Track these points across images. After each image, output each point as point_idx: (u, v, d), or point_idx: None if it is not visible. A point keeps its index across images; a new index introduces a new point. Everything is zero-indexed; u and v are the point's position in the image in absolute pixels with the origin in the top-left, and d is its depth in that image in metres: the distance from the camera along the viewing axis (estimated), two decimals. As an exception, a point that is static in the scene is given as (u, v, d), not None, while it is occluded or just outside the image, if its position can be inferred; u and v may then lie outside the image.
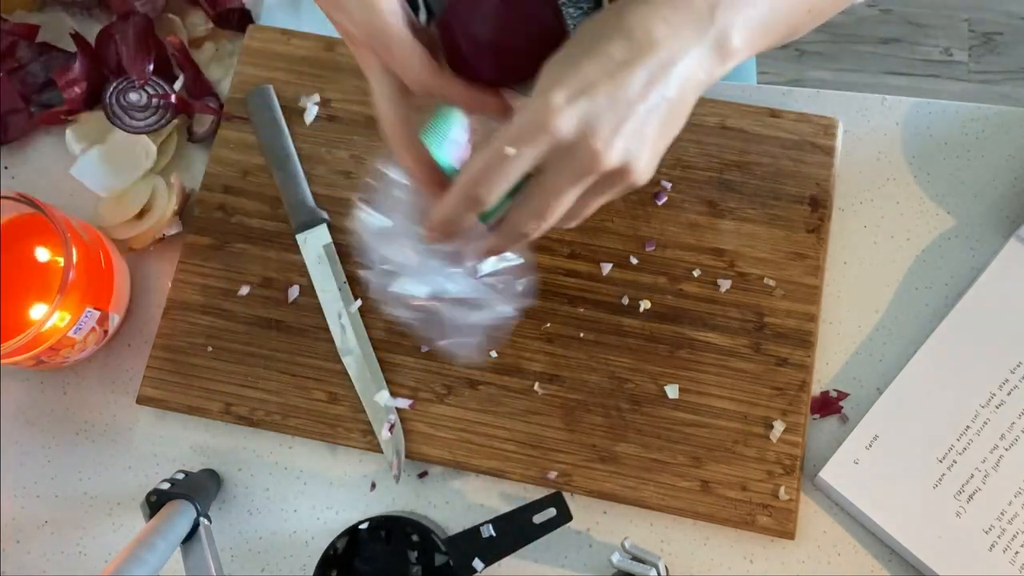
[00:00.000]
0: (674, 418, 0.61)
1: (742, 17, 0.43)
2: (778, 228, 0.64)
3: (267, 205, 0.67)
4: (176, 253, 0.67)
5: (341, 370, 0.63)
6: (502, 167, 0.42)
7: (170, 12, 0.72)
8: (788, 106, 0.67)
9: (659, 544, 0.60)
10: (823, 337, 0.63)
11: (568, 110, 0.40)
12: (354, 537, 0.58)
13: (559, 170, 0.42)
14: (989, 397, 0.59)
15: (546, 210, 0.43)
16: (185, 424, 0.64)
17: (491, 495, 0.62)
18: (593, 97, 0.41)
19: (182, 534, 0.55)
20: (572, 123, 0.41)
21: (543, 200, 0.43)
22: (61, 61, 0.71)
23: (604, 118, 0.41)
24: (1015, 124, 0.67)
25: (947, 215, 0.65)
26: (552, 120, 0.40)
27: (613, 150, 0.41)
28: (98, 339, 0.63)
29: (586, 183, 0.43)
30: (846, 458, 0.59)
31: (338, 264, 0.65)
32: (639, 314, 0.63)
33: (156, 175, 0.69)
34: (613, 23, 0.42)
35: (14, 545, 0.63)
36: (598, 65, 0.41)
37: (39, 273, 0.62)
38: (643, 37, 0.41)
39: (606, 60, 0.41)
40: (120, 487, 0.64)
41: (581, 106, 0.41)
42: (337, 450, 0.63)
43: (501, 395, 0.62)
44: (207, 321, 0.64)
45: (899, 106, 0.68)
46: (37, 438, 0.65)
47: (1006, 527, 0.57)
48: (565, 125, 0.41)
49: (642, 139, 0.42)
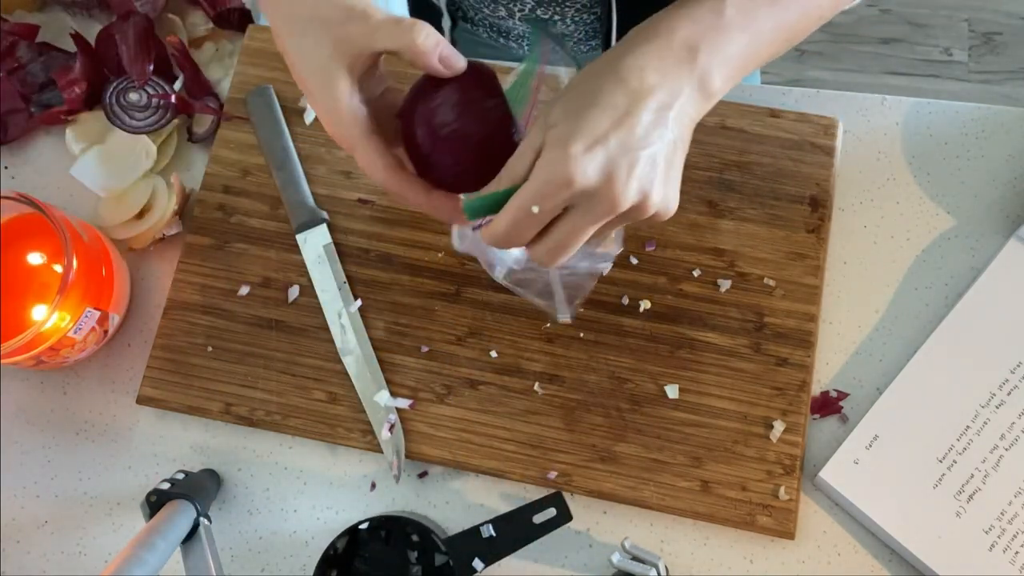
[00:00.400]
0: (674, 418, 0.61)
1: (720, 56, 0.47)
2: (778, 228, 0.64)
3: (267, 205, 0.67)
4: (176, 253, 0.67)
5: (341, 370, 0.63)
6: (529, 222, 0.45)
7: (170, 12, 0.72)
8: (788, 106, 0.67)
9: (659, 544, 0.60)
10: (823, 337, 0.63)
11: (588, 160, 0.43)
12: (354, 537, 0.58)
13: (581, 214, 0.45)
14: (989, 397, 0.59)
15: (568, 247, 0.46)
16: (185, 424, 0.64)
17: (491, 495, 0.62)
18: (607, 145, 0.43)
19: (182, 534, 0.55)
20: (594, 172, 0.43)
21: (567, 238, 0.46)
22: (61, 61, 0.71)
23: (620, 163, 0.43)
24: (1015, 124, 0.67)
25: (947, 215, 0.65)
26: (575, 172, 0.43)
27: (630, 191, 0.44)
28: (98, 339, 0.63)
29: (605, 221, 0.45)
30: (846, 458, 0.59)
31: (338, 264, 0.65)
32: (639, 314, 0.63)
33: (156, 175, 0.69)
34: (609, 74, 0.45)
35: (14, 545, 0.63)
36: (605, 115, 0.44)
37: (39, 273, 0.62)
38: (639, 86, 0.45)
39: (611, 110, 0.44)
40: (120, 487, 0.64)
41: (598, 155, 0.43)
42: (337, 450, 0.63)
43: (501, 395, 0.62)
44: (207, 321, 0.64)
45: (899, 106, 0.68)
46: (37, 438, 0.65)
47: (1006, 527, 0.57)
48: (587, 175, 0.43)
49: (653, 177, 0.45)
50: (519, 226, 0.45)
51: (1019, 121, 0.67)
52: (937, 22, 1.62)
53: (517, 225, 0.45)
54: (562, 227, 0.45)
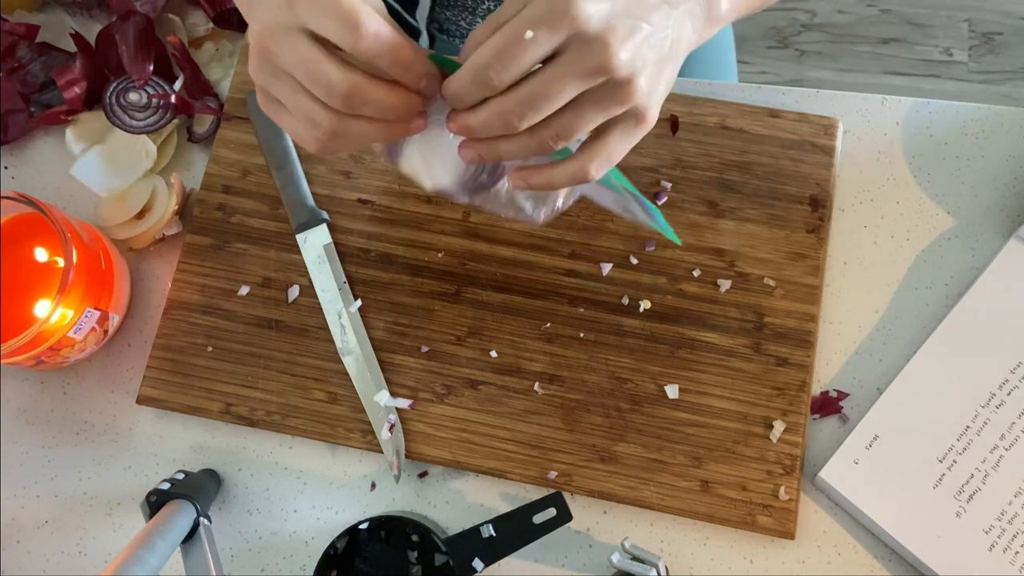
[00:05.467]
0: (674, 418, 0.61)
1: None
2: (778, 228, 0.64)
3: (267, 205, 0.67)
4: (176, 253, 0.67)
5: (341, 370, 0.63)
6: (518, 50, 0.41)
7: (170, 12, 0.72)
8: (788, 106, 0.67)
9: (659, 544, 0.60)
10: (823, 337, 0.63)
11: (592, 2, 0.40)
12: (354, 537, 0.58)
13: (568, 62, 0.41)
14: (989, 397, 0.59)
15: (541, 98, 0.42)
16: (185, 424, 0.64)
17: (491, 495, 0.62)
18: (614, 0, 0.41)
19: (182, 534, 0.55)
20: (595, 14, 0.40)
21: (542, 86, 0.42)
22: (61, 61, 0.71)
23: (621, 21, 0.41)
24: (1015, 124, 0.67)
25: (947, 215, 0.65)
26: (578, 7, 0.40)
27: (624, 52, 0.41)
28: (98, 339, 0.63)
29: (590, 82, 0.42)
30: (846, 458, 0.59)
31: (338, 264, 0.65)
32: (639, 314, 0.63)
33: (156, 175, 0.69)
34: None
35: (14, 545, 0.63)
36: None
37: (39, 273, 0.62)
38: None
39: None
40: (120, 487, 0.64)
41: (604, 3, 0.41)
42: (337, 450, 0.63)
43: (501, 395, 0.62)
44: (207, 321, 0.64)
45: (899, 106, 0.68)
46: (37, 438, 0.65)
47: (1006, 527, 0.57)
48: (588, 13, 0.40)
49: (647, 57, 0.42)
50: (505, 53, 0.41)
51: (1019, 121, 0.67)
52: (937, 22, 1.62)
53: (503, 52, 0.41)
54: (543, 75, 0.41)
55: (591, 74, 0.41)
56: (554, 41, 0.41)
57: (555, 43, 0.41)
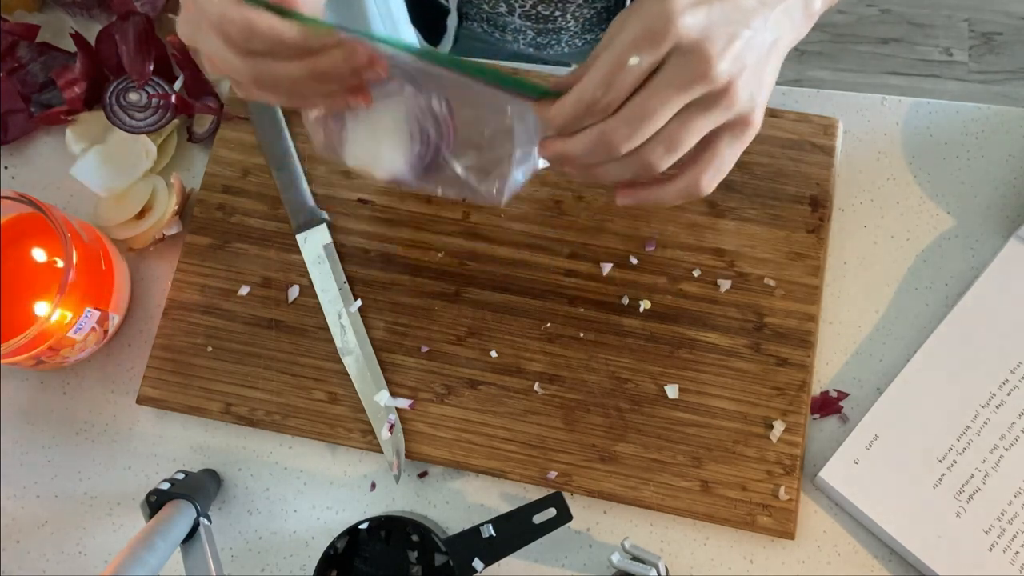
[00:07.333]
0: (674, 418, 0.61)
1: None
2: (778, 228, 0.64)
3: (267, 205, 0.67)
4: (176, 253, 0.67)
5: (341, 370, 0.63)
6: (624, 76, 0.41)
7: (170, 12, 0.72)
8: (788, 106, 0.67)
9: (659, 544, 0.60)
10: (823, 337, 0.63)
11: (690, 14, 0.40)
12: (354, 537, 0.58)
13: (670, 76, 0.41)
14: (989, 397, 0.59)
15: (645, 116, 0.42)
16: (185, 424, 0.64)
17: (491, 495, 0.62)
18: (711, 8, 0.41)
19: (182, 534, 0.55)
20: (694, 26, 0.40)
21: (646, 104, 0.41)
22: (61, 61, 0.71)
23: (720, 29, 0.41)
24: (1015, 124, 0.67)
25: (947, 215, 0.65)
26: (675, 22, 0.40)
27: (725, 59, 0.41)
28: (98, 339, 0.63)
29: (693, 94, 0.42)
30: (846, 458, 0.59)
31: (338, 264, 0.65)
32: (639, 314, 0.63)
33: (156, 175, 0.69)
34: None
35: (14, 545, 0.63)
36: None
37: (39, 273, 0.62)
38: None
39: None
40: (120, 487, 0.64)
41: (701, 13, 0.41)
42: (337, 450, 0.63)
43: (501, 395, 0.62)
44: (207, 321, 0.64)
45: (899, 106, 0.68)
46: (37, 438, 0.65)
47: (1006, 527, 0.57)
48: (687, 26, 0.40)
49: (747, 61, 0.42)
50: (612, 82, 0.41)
51: (1019, 121, 0.67)
52: (937, 22, 1.62)
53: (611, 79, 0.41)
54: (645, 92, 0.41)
55: (692, 84, 0.41)
56: (656, 60, 0.41)
57: (656, 61, 0.41)
